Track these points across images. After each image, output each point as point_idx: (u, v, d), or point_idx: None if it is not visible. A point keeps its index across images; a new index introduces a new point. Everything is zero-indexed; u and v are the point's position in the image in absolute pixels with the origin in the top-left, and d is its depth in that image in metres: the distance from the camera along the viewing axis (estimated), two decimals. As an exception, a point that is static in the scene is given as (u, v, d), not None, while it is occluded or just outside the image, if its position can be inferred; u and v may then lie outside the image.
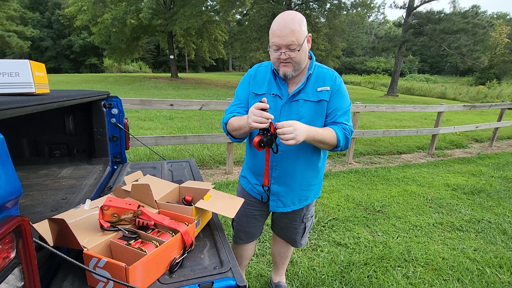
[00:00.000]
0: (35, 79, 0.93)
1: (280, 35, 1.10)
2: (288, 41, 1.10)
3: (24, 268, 0.52)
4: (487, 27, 16.85)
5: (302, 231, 1.56)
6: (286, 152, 1.27)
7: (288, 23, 1.10)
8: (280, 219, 1.53)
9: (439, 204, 3.23)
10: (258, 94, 1.29)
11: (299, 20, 1.12)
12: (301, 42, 1.12)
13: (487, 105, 6.34)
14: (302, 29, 1.12)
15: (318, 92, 1.23)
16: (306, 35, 1.15)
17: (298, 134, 1.06)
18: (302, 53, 1.15)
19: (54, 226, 0.75)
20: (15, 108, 0.70)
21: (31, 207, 1.12)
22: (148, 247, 0.75)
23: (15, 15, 27.34)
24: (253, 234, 1.56)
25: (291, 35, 1.09)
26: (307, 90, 1.24)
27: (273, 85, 1.26)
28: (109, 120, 1.74)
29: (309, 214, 1.52)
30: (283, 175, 1.31)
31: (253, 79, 1.33)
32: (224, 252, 0.87)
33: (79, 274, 0.73)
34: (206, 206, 0.94)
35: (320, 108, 1.24)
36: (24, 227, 0.51)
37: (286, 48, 1.12)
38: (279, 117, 1.25)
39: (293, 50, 1.12)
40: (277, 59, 1.17)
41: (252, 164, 1.40)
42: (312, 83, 1.24)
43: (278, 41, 1.11)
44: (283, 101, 1.24)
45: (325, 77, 1.25)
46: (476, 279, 2.03)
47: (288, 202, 1.38)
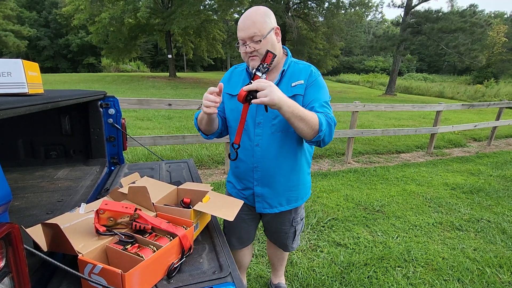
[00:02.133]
0: (28, 79, 0.90)
1: (243, 28, 1.10)
2: (250, 32, 1.08)
3: (14, 276, 0.50)
4: (484, 26, 16.90)
5: (292, 235, 1.52)
6: (266, 153, 1.23)
7: (250, 16, 1.10)
8: (269, 223, 1.49)
9: (438, 204, 3.22)
10: (232, 95, 1.26)
11: (262, 12, 1.12)
12: (264, 33, 1.10)
13: (485, 104, 6.34)
14: (266, 20, 1.11)
15: (292, 87, 1.19)
16: (272, 27, 1.13)
17: (273, 91, 0.96)
18: (267, 44, 1.11)
19: (48, 231, 0.72)
20: (7, 109, 0.67)
21: (26, 210, 1.09)
22: (145, 252, 0.72)
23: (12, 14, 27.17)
24: (245, 239, 1.53)
25: (252, 27, 1.08)
26: (281, 86, 1.19)
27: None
28: (106, 120, 1.71)
29: (298, 218, 1.49)
30: (265, 176, 1.27)
31: (228, 80, 1.31)
32: (223, 256, 0.85)
33: (74, 280, 0.71)
34: (205, 209, 0.92)
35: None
36: (14, 234, 0.48)
37: (250, 40, 1.10)
38: (256, 116, 1.22)
39: (257, 42, 1.10)
40: (245, 54, 1.15)
41: (235, 167, 1.36)
42: (287, 79, 1.21)
43: (241, 34, 1.11)
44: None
45: (300, 71, 1.22)
46: (477, 279, 2.02)
47: (274, 203, 1.34)
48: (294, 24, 17.49)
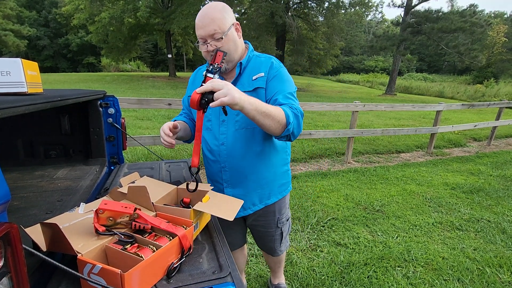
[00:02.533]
0: (27, 78, 0.90)
1: (201, 26, 1.06)
2: (210, 30, 1.05)
3: (13, 276, 0.49)
4: (484, 26, 16.91)
5: (279, 238, 1.47)
6: (232, 151, 1.19)
7: (208, 13, 1.06)
8: (253, 227, 1.44)
9: (438, 203, 3.22)
10: None
11: (220, 8, 1.08)
12: (225, 30, 1.06)
13: (485, 104, 6.35)
14: (225, 16, 1.07)
15: (253, 80, 1.15)
16: (231, 22, 1.09)
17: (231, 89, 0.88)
18: (229, 42, 1.09)
19: (47, 231, 0.72)
20: (5, 109, 0.67)
21: (25, 209, 1.09)
22: (144, 251, 0.72)
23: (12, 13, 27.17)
24: (234, 243, 1.50)
25: (212, 24, 1.04)
26: (242, 81, 1.16)
27: None
28: (105, 120, 1.71)
29: (283, 218, 1.43)
30: (234, 176, 1.23)
31: (192, 82, 1.28)
32: (223, 255, 0.84)
33: (74, 280, 0.71)
34: (205, 209, 0.92)
35: (257, 97, 1.08)
36: (13, 234, 0.48)
37: (211, 38, 1.06)
38: (219, 115, 1.19)
39: (218, 40, 1.06)
40: (206, 53, 1.10)
41: (206, 168, 1.33)
42: (248, 73, 1.17)
43: (200, 32, 1.07)
44: None
45: (261, 64, 1.17)
46: (477, 279, 2.02)
47: (248, 204, 1.28)
48: (294, 24, 17.48)
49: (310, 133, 4.30)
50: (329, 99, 14.35)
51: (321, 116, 8.62)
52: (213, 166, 1.26)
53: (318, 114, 8.96)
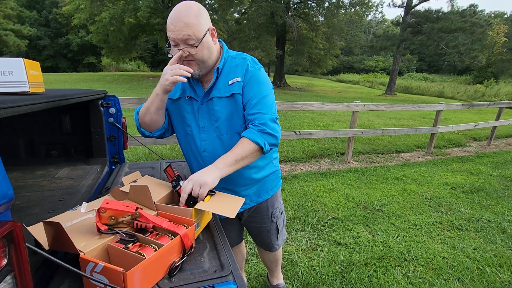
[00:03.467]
0: (30, 78, 0.90)
1: (174, 30, 0.98)
2: (184, 35, 0.97)
3: (16, 275, 0.50)
4: (484, 26, 16.91)
5: (275, 232, 1.48)
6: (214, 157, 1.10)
7: (181, 16, 0.97)
8: (249, 224, 1.45)
9: (438, 203, 3.23)
10: (173, 99, 1.18)
11: (195, 11, 0.99)
12: (200, 37, 1.00)
13: (485, 104, 6.35)
14: (201, 21, 1.00)
15: (230, 85, 1.10)
16: (207, 28, 1.03)
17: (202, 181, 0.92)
18: (204, 49, 1.03)
19: (50, 229, 0.73)
20: (8, 108, 0.67)
21: (27, 209, 1.09)
22: (146, 250, 0.72)
23: (12, 13, 27.17)
24: (232, 241, 1.50)
25: (186, 29, 0.97)
26: (218, 85, 1.11)
27: (187, 87, 1.15)
28: (106, 119, 1.71)
29: (277, 212, 1.44)
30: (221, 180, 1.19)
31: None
32: (224, 254, 0.85)
33: (76, 279, 0.71)
34: (206, 207, 0.92)
35: (235, 103, 1.11)
36: (17, 232, 0.48)
37: (184, 43, 1.00)
38: (198, 120, 1.15)
39: (192, 46, 1.00)
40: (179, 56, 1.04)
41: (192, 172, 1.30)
42: (224, 76, 1.12)
43: (173, 36, 0.99)
44: (199, 102, 1.14)
45: (237, 67, 1.12)
46: (477, 278, 2.03)
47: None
48: (294, 23, 17.48)
49: (310, 133, 4.30)
50: (329, 99, 14.35)
51: (321, 116, 8.63)
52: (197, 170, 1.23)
53: (318, 114, 8.97)
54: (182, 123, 1.20)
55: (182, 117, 1.19)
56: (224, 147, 1.15)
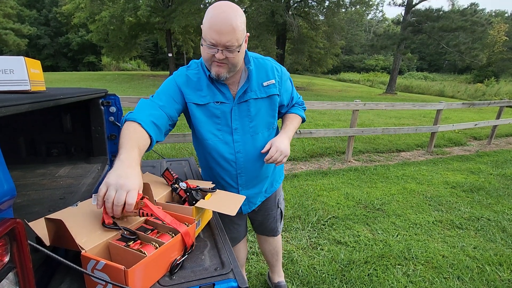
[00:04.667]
0: (31, 77, 0.91)
1: (220, 32, 0.93)
2: (228, 40, 0.94)
3: (19, 272, 0.50)
4: (485, 25, 16.88)
5: (280, 216, 1.59)
6: (249, 157, 1.22)
7: (230, 18, 0.93)
8: (257, 213, 1.53)
9: (439, 202, 3.23)
10: (201, 104, 1.12)
11: (241, 16, 0.97)
12: (241, 43, 0.99)
13: (485, 103, 6.34)
14: (243, 27, 0.99)
15: (265, 87, 1.15)
16: (245, 34, 1.02)
17: (284, 150, 1.13)
18: (240, 54, 1.03)
19: (51, 226, 0.73)
20: (9, 106, 0.67)
21: (28, 207, 1.10)
22: (147, 248, 0.73)
23: (12, 12, 27.16)
24: (237, 237, 1.54)
25: (232, 33, 0.94)
26: (253, 87, 1.14)
27: (214, 91, 1.12)
28: (107, 118, 1.72)
29: (281, 198, 1.56)
30: (250, 179, 1.27)
31: (185, 85, 1.12)
32: (225, 252, 0.85)
33: (77, 276, 0.71)
34: (207, 206, 0.92)
35: (272, 103, 1.20)
36: (19, 230, 0.49)
37: (224, 47, 0.96)
38: (231, 123, 1.15)
39: (232, 51, 0.97)
40: (210, 56, 1.01)
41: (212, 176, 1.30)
42: (255, 78, 1.14)
43: (216, 37, 0.94)
44: (231, 105, 1.13)
45: (266, 69, 1.17)
46: (476, 277, 2.03)
47: (257, 201, 1.39)
48: (295, 22, 17.45)
49: (310, 132, 4.30)
50: (330, 98, 14.34)
51: (322, 115, 8.62)
52: (226, 175, 1.25)
53: (318, 113, 8.96)
54: (210, 128, 1.16)
55: (211, 122, 1.15)
56: (255, 145, 1.20)
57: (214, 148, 1.19)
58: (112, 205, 0.71)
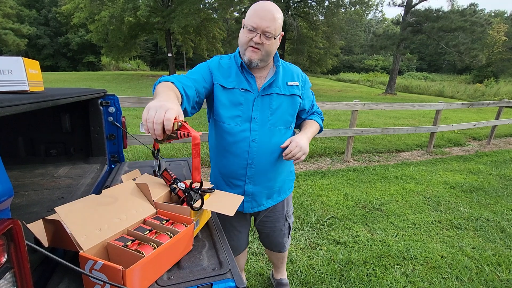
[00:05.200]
0: (29, 77, 0.91)
1: (262, 17, 1.08)
2: (268, 26, 1.08)
3: (16, 272, 0.50)
4: (485, 25, 16.87)
5: (287, 231, 1.55)
6: (262, 148, 1.22)
7: (272, 10, 1.09)
8: (263, 225, 1.49)
9: (438, 202, 3.23)
10: (226, 87, 1.21)
11: (281, 13, 1.14)
12: (276, 34, 1.12)
13: (485, 103, 6.35)
14: (281, 23, 1.14)
15: (289, 86, 1.25)
16: (281, 32, 1.17)
17: (304, 147, 1.17)
18: (273, 45, 1.14)
19: (49, 227, 0.73)
20: (8, 107, 0.67)
21: (27, 207, 1.10)
22: (145, 248, 0.73)
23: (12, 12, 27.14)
24: (237, 247, 1.51)
25: (272, 22, 1.09)
26: (278, 83, 1.23)
27: (241, 78, 1.21)
28: (106, 118, 1.72)
29: (290, 211, 1.52)
30: (258, 173, 1.26)
31: (217, 69, 1.23)
32: (223, 253, 0.85)
33: (75, 277, 0.72)
34: (205, 206, 0.92)
35: (293, 102, 1.26)
36: (16, 230, 0.49)
37: (262, 32, 1.09)
38: (252, 112, 1.20)
39: (268, 38, 1.10)
40: (248, 40, 1.12)
41: (222, 166, 1.30)
42: (281, 77, 1.25)
43: (257, 22, 1.08)
44: (254, 95, 1.21)
45: (292, 72, 1.29)
46: (475, 277, 2.03)
47: (262, 200, 1.35)
48: (294, 22, 17.45)
49: (310, 132, 4.30)
50: (329, 98, 14.35)
51: (321, 115, 8.62)
52: (237, 163, 1.25)
53: (318, 113, 8.95)
54: (231, 112, 1.21)
55: (233, 107, 1.21)
56: (271, 139, 1.23)
57: (230, 132, 1.22)
58: (153, 125, 0.74)
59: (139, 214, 0.87)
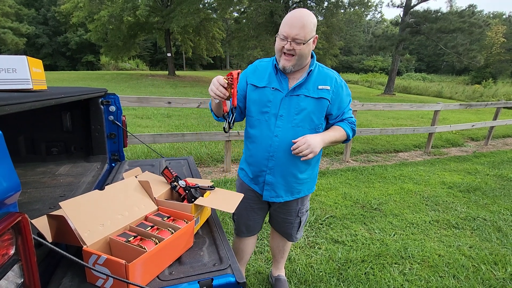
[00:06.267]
0: (33, 76, 0.92)
1: (292, 25, 1.15)
2: (297, 33, 1.14)
3: (23, 264, 0.52)
4: (483, 27, 16.95)
5: (297, 226, 1.60)
6: (283, 144, 1.30)
7: (302, 18, 1.15)
8: (276, 213, 1.56)
9: (435, 202, 3.26)
10: (258, 86, 1.32)
11: (312, 18, 1.19)
12: (307, 39, 1.17)
13: (483, 104, 6.38)
14: (312, 28, 1.18)
15: (319, 89, 1.29)
16: (314, 35, 1.21)
17: (313, 146, 1.18)
18: (306, 49, 1.20)
19: (53, 222, 0.74)
20: (13, 105, 0.69)
21: (28, 205, 1.11)
22: (147, 244, 0.74)
23: (10, 11, 27.07)
24: (253, 227, 1.59)
25: (301, 29, 1.14)
26: (308, 86, 1.28)
27: (274, 79, 1.31)
28: (106, 117, 1.73)
29: (304, 209, 1.56)
30: (279, 165, 1.34)
31: (252, 72, 1.36)
32: (223, 249, 0.87)
33: (79, 271, 0.73)
34: (206, 203, 0.94)
35: (320, 105, 1.29)
36: (23, 223, 0.50)
37: (292, 39, 1.16)
38: (278, 110, 1.28)
39: (299, 44, 1.17)
40: (281, 48, 1.21)
41: (249, 155, 1.43)
42: (313, 80, 1.29)
43: (287, 30, 1.16)
44: (283, 94, 1.28)
45: (326, 76, 1.31)
46: (472, 275, 2.05)
47: (281, 192, 1.41)
48: (294, 23, 17.42)
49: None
50: (328, 98, 14.33)
51: (320, 116, 8.63)
52: (260, 154, 1.35)
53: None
54: (260, 108, 1.32)
55: (262, 103, 1.31)
56: (294, 136, 1.28)
57: (257, 126, 1.35)
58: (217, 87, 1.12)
59: (141, 211, 0.89)
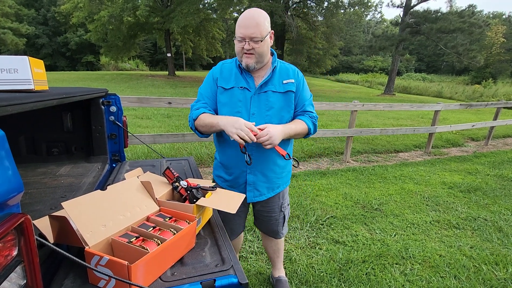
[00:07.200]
0: (34, 76, 0.92)
1: (246, 26, 1.19)
2: (253, 32, 1.18)
3: (26, 265, 0.51)
4: (483, 27, 16.96)
5: (282, 221, 1.63)
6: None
7: (254, 17, 1.20)
8: (261, 213, 1.59)
9: (436, 202, 3.25)
10: (226, 88, 1.34)
11: (264, 16, 1.23)
12: (264, 36, 1.21)
13: (483, 104, 6.38)
14: (266, 24, 1.22)
15: (284, 84, 1.34)
16: (269, 31, 1.25)
17: (273, 138, 1.19)
18: (264, 46, 1.24)
19: (55, 223, 0.74)
20: (15, 105, 0.69)
21: (29, 205, 1.11)
22: (149, 245, 0.74)
23: (10, 11, 27.08)
24: (236, 230, 1.62)
25: (255, 28, 1.18)
26: (273, 82, 1.33)
27: (240, 78, 1.33)
28: (107, 118, 1.73)
29: (285, 203, 1.61)
30: (258, 163, 1.37)
31: (219, 75, 1.38)
32: (225, 249, 0.87)
33: (81, 272, 0.73)
34: (207, 203, 0.94)
35: (288, 99, 1.34)
36: (26, 224, 0.50)
37: (250, 39, 1.20)
38: (250, 108, 1.31)
39: (257, 42, 1.21)
40: (240, 49, 1.24)
41: (223, 156, 1.44)
42: (277, 76, 1.34)
43: (243, 31, 1.20)
44: (252, 93, 1.32)
45: (288, 71, 1.37)
46: (473, 276, 2.05)
47: (263, 190, 1.44)
48: (294, 23, 17.48)
49: (309, 132, 4.31)
50: (328, 98, 14.38)
51: (320, 116, 8.65)
52: (240, 155, 1.34)
53: (317, 113, 8.95)
54: (231, 109, 1.33)
55: (233, 104, 1.32)
56: None
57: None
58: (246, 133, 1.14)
59: (142, 211, 0.88)
